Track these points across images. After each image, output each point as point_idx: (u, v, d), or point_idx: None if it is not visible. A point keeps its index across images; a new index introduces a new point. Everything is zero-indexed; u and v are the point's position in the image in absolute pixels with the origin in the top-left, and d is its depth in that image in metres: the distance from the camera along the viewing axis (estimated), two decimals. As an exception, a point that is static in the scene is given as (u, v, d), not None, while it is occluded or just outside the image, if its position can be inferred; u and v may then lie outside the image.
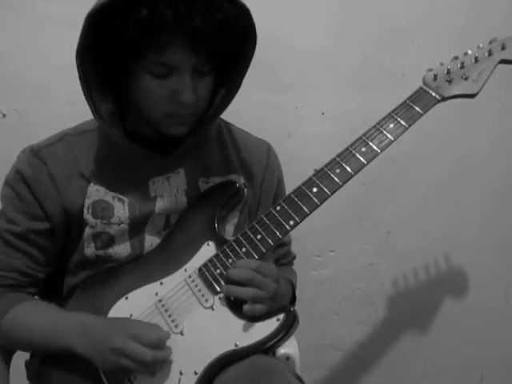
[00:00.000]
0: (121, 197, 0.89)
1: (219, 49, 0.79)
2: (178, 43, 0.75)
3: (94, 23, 0.75)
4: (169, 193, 0.91)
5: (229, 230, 0.94)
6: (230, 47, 0.81)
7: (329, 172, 0.84)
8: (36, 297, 0.94)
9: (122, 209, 0.89)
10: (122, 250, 0.89)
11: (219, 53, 0.80)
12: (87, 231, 0.88)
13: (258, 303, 0.79)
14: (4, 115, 1.39)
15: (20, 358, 0.95)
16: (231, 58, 0.84)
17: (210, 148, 0.97)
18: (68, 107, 1.37)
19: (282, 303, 0.87)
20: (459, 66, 0.89)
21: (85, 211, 0.88)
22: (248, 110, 1.40)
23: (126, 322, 0.82)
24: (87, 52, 0.79)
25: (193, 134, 0.90)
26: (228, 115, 1.00)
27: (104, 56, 0.79)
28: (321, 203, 0.82)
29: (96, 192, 0.88)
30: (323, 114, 1.50)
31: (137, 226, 0.90)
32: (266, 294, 0.79)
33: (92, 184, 0.89)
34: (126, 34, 0.74)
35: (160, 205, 0.90)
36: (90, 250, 0.89)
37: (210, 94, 0.86)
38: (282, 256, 1.08)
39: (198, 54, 0.77)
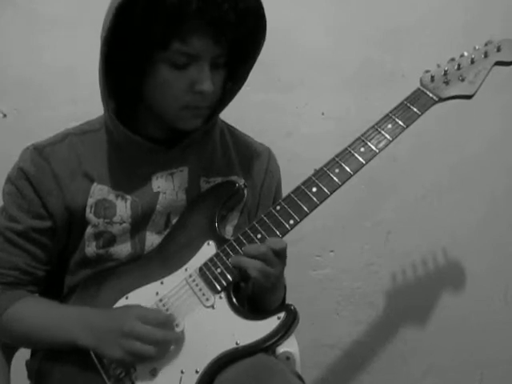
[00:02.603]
0: (124, 195, 0.90)
1: (236, 39, 0.81)
2: (202, 32, 0.77)
3: (119, 14, 0.76)
4: (171, 190, 0.91)
5: (229, 230, 0.94)
6: (245, 39, 0.83)
7: (328, 172, 0.84)
8: (36, 295, 0.94)
9: (124, 207, 0.89)
10: (122, 249, 0.89)
11: (235, 44, 0.82)
12: (89, 230, 0.88)
13: (263, 277, 0.80)
14: (5, 115, 1.39)
15: (20, 358, 0.95)
16: (243, 51, 0.85)
17: (213, 149, 0.97)
18: (68, 107, 1.37)
19: (280, 292, 0.89)
20: (456, 67, 0.89)
21: (87, 210, 0.88)
22: (248, 110, 1.40)
23: (129, 308, 0.82)
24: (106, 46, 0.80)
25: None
26: (228, 115, 1.00)
27: (121, 49, 0.80)
28: (320, 203, 0.83)
29: (99, 191, 0.89)
30: (323, 114, 1.50)
31: (138, 225, 0.90)
32: (274, 272, 0.80)
33: (96, 183, 0.89)
34: (153, 23, 0.75)
35: (161, 201, 0.90)
36: (91, 248, 0.89)
37: (222, 87, 0.87)
38: None
39: (219, 44, 0.79)
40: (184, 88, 0.81)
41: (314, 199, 0.83)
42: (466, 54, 0.91)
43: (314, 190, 0.83)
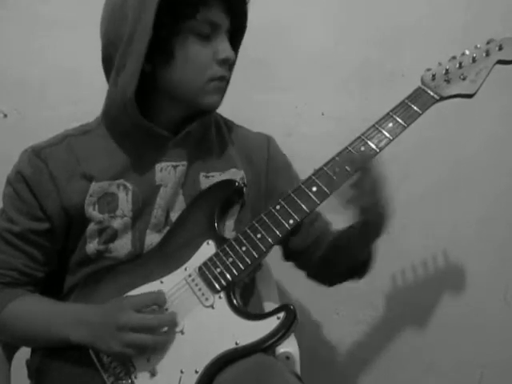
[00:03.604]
0: (126, 183, 0.90)
1: (235, 10, 0.88)
2: (219, 4, 0.85)
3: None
4: (172, 183, 0.91)
5: (228, 229, 0.94)
6: (240, 10, 0.90)
7: (328, 171, 0.84)
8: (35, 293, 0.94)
9: (125, 200, 0.89)
10: (123, 245, 0.90)
11: (233, 15, 0.88)
12: (92, 227, 0.89)
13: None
14: (5, 115, 1.39)
15: (21, 357, 0.95)
16: (236, 23, 0.90)
17: (210, 143, 0.98)
18: (68, 107, 1.37)
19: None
20: (457, 66, 0.89)
21: (90, 208, 0.88)
22: (248, 110, 1.40)
23: (122, 300, 0.83)
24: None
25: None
26: (228, 114, 1.00)
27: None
28: (320, 202, 0.83)
29: (99, 188, 0.89)
30: (323, 114, 1.50)
31: (139, 220, 0.90)
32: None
33: (94, 182, 0.89)
34: None
35: (162, 194, 0.91)
36: (92, 245, 0.89)
37: None
38: (322, 232, 1.03)
39: (229, 16, 0.87)
40: (209, 59, 0.86)
41: (314, 199, 0.83)
42: (467, 52, 0.90)
43: (314, 189, 0.83)
